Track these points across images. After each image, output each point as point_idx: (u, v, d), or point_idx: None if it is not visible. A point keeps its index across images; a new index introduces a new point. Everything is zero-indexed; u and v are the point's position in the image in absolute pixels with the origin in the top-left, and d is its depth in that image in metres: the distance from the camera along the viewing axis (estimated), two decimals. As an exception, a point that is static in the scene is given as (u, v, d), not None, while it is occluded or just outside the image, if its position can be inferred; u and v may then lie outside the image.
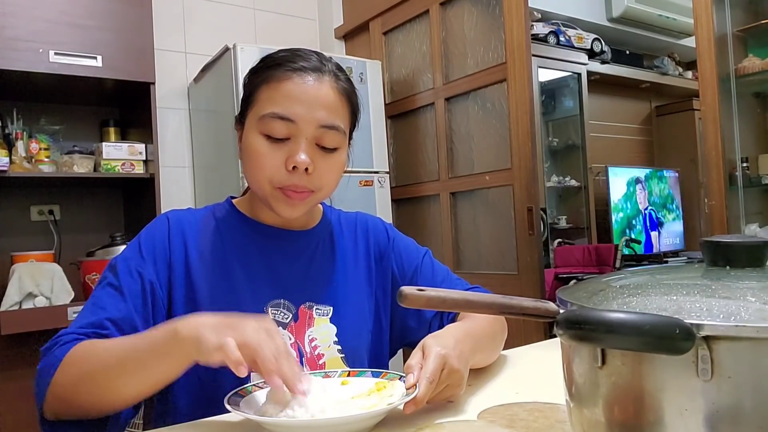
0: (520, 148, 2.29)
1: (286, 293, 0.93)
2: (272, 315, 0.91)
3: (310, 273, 0.97)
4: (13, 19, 2.06)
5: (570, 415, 0.52)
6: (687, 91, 4.13)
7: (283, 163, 0.87)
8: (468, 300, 0.53)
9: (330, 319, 0.95)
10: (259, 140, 0.88)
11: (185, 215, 0.96)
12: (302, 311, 0.94)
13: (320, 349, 0.93)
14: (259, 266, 0.94)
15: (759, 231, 2.05)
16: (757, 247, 0.51)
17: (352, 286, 1.00)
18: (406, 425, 0.70)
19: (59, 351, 0.77)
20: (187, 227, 0.94)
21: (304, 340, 0.92)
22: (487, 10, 2.44)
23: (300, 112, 0.86)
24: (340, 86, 0.91)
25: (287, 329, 0.92)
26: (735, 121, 2.03)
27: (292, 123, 0.86)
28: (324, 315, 0.95)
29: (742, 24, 2.10)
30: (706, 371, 0.40)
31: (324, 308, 0.96)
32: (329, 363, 0.92)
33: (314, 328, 0.94)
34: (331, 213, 1.06)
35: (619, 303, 0.49)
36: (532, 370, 0.95)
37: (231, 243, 0.94)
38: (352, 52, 3.12)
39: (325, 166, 0.90)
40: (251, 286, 0.92)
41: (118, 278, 0.86)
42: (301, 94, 0.87)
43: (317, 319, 0.94)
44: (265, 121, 0.87)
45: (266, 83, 0.89)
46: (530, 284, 2.26)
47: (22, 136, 2.23)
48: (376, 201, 2.64)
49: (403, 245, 1.07)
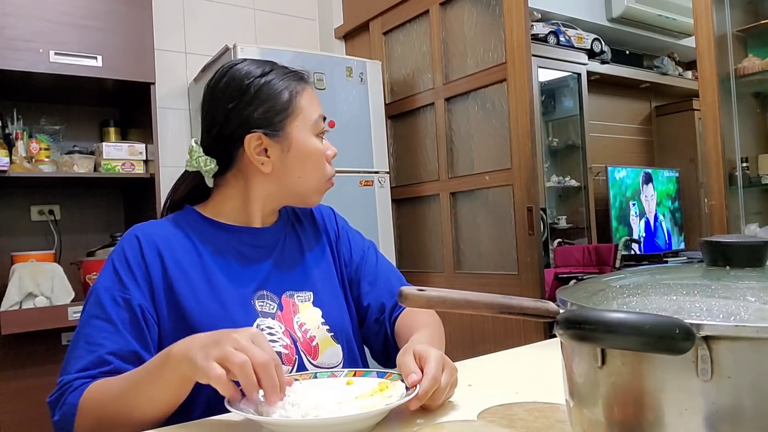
0: (520, 148, 2.29)
1: (266, 286, 0.97)
2: (259, 307, 0.95)
3: (284, 264, 1.02)
4: (13, 19, 2.06)
5: (570, 415, 0.52)
6: (687, 91, 4.13)
7: (327, 156, 1.02)
8: (468, 300, 0.53)
9: (313, 303, 1.01)
10: (316, 141, 1.00)
11: (153, 229, 0.97)
12: (285, 300, 0.98)
13: (311, 332, 0.97)
14: (236, 264, 0.97)
15: (759, 231, 2.05)
16: (757, 247, 0.51)
17: (322, 270, 1.06)
18: (406, 425, 0.70)
19: (71, 398, 0.80)
20: (158, 240, 0.94)
21: (294, 327, 0.96)
22: (487, 10, 2.44)
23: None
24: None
25: (276, 319, 0.95)
26: (735, 121, 2.03)
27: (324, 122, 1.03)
28: (306, 301, 1.01)
29: (742, 24, 2.10)
30: (706, 371, 0.40)
31: (304, 294, 1.01)
32: (322, 343, 0.97)
33: (301, 314, 0.98)
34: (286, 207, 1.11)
35: (619, 303, 0.49)
36: (532, 370, 0.95)
37: (204, 247, 0.97)
38: (352, 52, 3.12)
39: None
40: (233, 283, 0.95)
41: (105, 310, 0.86)
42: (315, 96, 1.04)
43: (301, 305, 0.99)
44: (317, 124, 1.00)
45: (301, 92, 1.00)
46: (530, 284, 2.26)
47: (22, 136, 2.23)
48: (376, 201, 2.64)
49: (352, 233, 1.17)
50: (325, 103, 2.48)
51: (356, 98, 2.63)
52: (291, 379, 0.78)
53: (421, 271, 2.81)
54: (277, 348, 0.92)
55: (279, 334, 0.94)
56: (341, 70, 2.60)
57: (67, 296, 2.11)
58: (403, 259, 2.86)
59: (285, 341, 0.94)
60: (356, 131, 2.61)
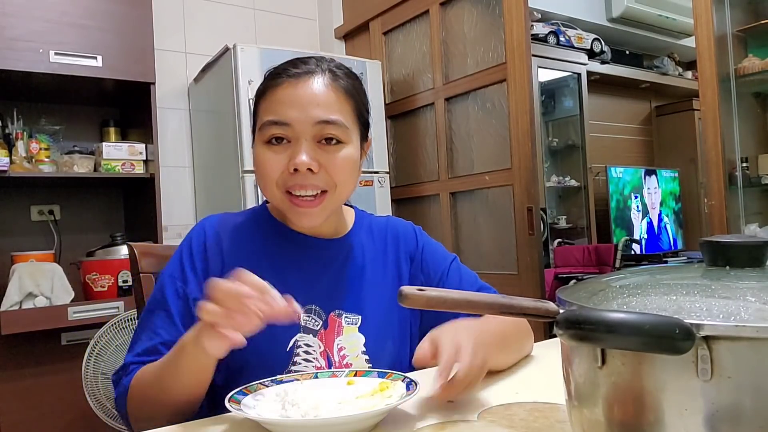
0: (520, 148, 2.29)
1: (316, 300, 0.94)
2: (303, 321, 0.92)
3: (341, 281, 0.97)
4: (13, 19, 2.06)
5: (570, 415, 0.52)
6: (687, 91, 4.13)
7: (286, 167, 0.88)
8: (468, 300, 0.53)
9: (359, 328, 0.95)
10: (263, 149, 0.90)
11: (222, 222, 0.97)
12: (331, 319, 0.94)
13: (348, 359, 0.93)
14: (291, 273, 0.95)
15: (759, 231, 2.05)
16: (757, 247, 0.51)
17: (381, 294, 0.99)
18: (406, 425, 0.70)
19: (126, 380, 0.86)
20: (223, 234, 0.95)
21: (333, 349, 0.93)
22: (487, 10, 2.44)
23: (293, 114, 0.88)
24: (339, 84, 0.91)
25: (317, 336, 0.92)
26: (735, 121, 2.03)
27: (288, 126, 0.88)
28: (353, 324, 0.95)
29: (742, 24, 2.10)
30: (706, 371, 0.40)
31: (353, 317, 0.96)
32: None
33: (343, 337, 0.94)
34: (363, 219, 1.06)
35: (619, 303, 0.49)
36: (532, 370, 0.95)
37: (264, 250, 0.96)
38: (352, 52, 3.12)
39: (332, 162, 0.90)
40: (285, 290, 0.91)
41: (166, 300, 0.90)
42: (294, 96, 0.89)
43: (346, 327, 0.94)
44: (264, 131, 0.90)
45: (263, 97, 0.92)
46: (530, 284, 2.26)
47: (23, 136, 2.23)
48: (376, 201, 2.64)
49: (431, 250, 1.07)
50: (325, 103, 2.51)
51: (356, 98, 2.63)
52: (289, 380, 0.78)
53: (421, 271, 2.80)
54: (309, 369, 0.90)
55: (316, 354, 0.92)
56: (341, 70, 2.60)
57: (67, 296, 2.11)
58: (403, 259, 2.86)
59: (320, 362, 0.91)
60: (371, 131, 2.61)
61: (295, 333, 0.91)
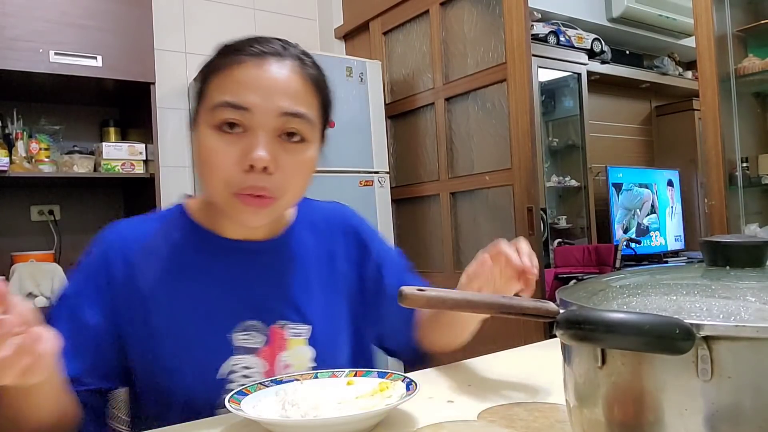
0: (520, 148, 2.29)
1: (256, 313, 0.82)
2: (240, 340, 0.81)
3: (283, 288, 0.85)
4: (13, 19, 2.05)
5: (570, 415, 0.52)
6: (687, 91, 4.13)
7: (238, 161, 0.75)
8: (468, 300, 0.53)
9: (308, 340, 0.85)
10: (210, 136, 0.76)
11: (128, 232, 0.84)
12: (274, 332, 0.83)
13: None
14: (219, 286, 0.83)
15: (759, 231, 2.05)
16: (757, 247, 0.51)
17: (330, 297, 0.89)
18: (406, 425, 0.70)
19: None
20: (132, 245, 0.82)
21: (276, 367, 0.82)
22: (487, 10, 2.44)
23: (256, 99, 0.74)
24: (307, 72, 0.80)
25: (258, 355, 0.81)
26: (735, 121, 2.03)
27: (246, 112, 0.74)
28: (299, 336, 0.84)
29: (742, 24, 2.10)
30: (706, 371, 0.40)
31: (299, 328, 0.84)
32: None
33: (288, 352, 0.83)
34: (303, 210, 0.92)
35: (619, 303, 0.49)
36: (532, 370, 0.95)
37: (184, 261, 0.83)
38: (352, 52, 3.12)
39: (291, 163, 0.77)
40: (215, 309, 0.81)
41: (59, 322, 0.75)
42: (257, 79, 0.75)
43: (291, 340, 0.84)
44: (216, 113, 0.75)
45: (217, 72, 0.77)
46: (530, 284, 2.25)
47: (22, 136, 2.23)
48: (376, 201, 2.64)
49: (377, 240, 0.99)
50: (325, 103, 2.52)
51: (356, 98, 2.63)
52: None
53: (421, 271, 2.78)
54: None
55: (256, 377, 0.81)
56: (341, 70, 2.60)
57: (67, 296, 2.11)
58: (403, 259, 2.86)
59: None
60: (356, 131, 2.61)
61: (227, 356, 0.80)
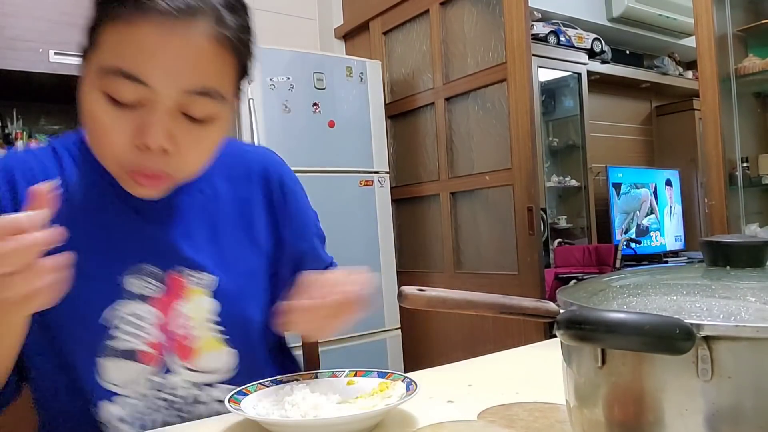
0: (520, 148, 2.29)
1: (152, 257, 0.75)
2: (131, 285, 0.75)
3: (187, 234, 0.78)
4: (13, 19, 2.05)
5: (570, 415, 0.52)
6: (687, 91, 4.13)
7: (132, 139, 0.65)
8: (468, 300, 0.53)
9: (208, 290, 0.78)
10: (100, 103, 0.65)
11: (19, 159, 0.75)
12: (172, 279, 0.76)
13: (191, 330, 0.77)
14: (120, 227, 0.75)
15: (759, 231, 2.05)
16: (757, 247, 0.51)
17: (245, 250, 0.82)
18: (406, 425, 0.70)
19: None
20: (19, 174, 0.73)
21: (173, 317, 0.76)
22: (487, 9, 2.44)
23: (157, 73, 0.63)
24: (224, 33, 0.66)
25: (152, 304, 0.75)
26: (735, 121, 2.03)
27: (143, 86, 0.63)
28: (201, 285, 0.77)
29: (742, 24, 2.10)
30: (706, 371, 0.40)
31: (201, 276, 0.77)
32: (204, 345, 0.78)
33: (186, 302, 0.76)
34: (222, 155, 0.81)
35: (619, 303, 0.49)
36: (532, 370, 0.95)
37: (81, 197, 0.74)
38: (352, 52, 3.12)
39: (192, 144, 0.68)
40: (108, 249, 0.74)
41: None
42: (162, 47, 0.63)
43: (191, 290, 0.77)
44: (108, 79, 0.64)
45: (113, 22, 0.64)
46: (530, 284, 2.26)
47: (22, 136, 2.23)
48: (376, 201, 2.64)
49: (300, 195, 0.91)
50: (324, 103, 2.52)
51: (356, 98, 2.63)
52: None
53: (421, 271, 2.81)
54: (138, 345, 0.74)
55: (147, 327, 0.74)
56: (341, 69, 2.60)
57: (67, 296, 2.10)
58: (403, 259, 2.86)
59: (151, 337, 0.75)
60: (356, 131, 2.61)
61: (113, 299, 0.74)
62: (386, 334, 2.64)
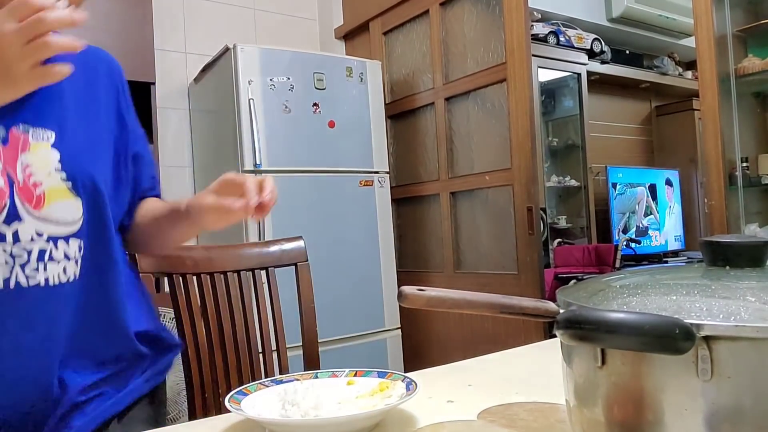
0: (520, 148, 2.29)
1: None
2: None
3: (30, 94, 0.79)
4: (13, 19, 2.06)
5: (570, 415, 0.52)
6: (687, 91, 4.13)
7: None
8: (468, 300, 0.53)
9: (52, 144, 0.82)
10: None
11: None
12: (14, 135, 0.79)
13: (36, 177, 0.80)
14: None
15: (759, 231, 2.05)
16: (757, 247, 0.51)
17: (89, 121, 0.89)
18: (406, 425, 0.70)
19: None
20: None
21: (16, 167, 0.79)
22: (487, 10, 2.44)
23: None
24: None
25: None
26: (735, 121, 2.03)
27: None
28: (44, 140, 0.81)
29: (742, 24, 2.10)
30: (706, 371, 0.40)
31: (44, 132, 0.82)
32: (51, 192, 0.80)
33: (29, 153, 0.80)
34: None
35: (619, 303, 0.49)
36: (532, 370, 0.95)
37: None
38: (352, 52, 3.12)
39: None
40: None
41: None
42: None
43: (34, 144, 0.80)
44: None
45: None
46: (530, 284, 2.26)
47: (22, 136, 2.23)
48: (376, 201, 2.64)
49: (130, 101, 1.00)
50: (325, 103, 2.52)
51: (356, 98, 2.63)
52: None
53: (421, 271, 2.81)
54: None
55: None
56: (341, 70, 2.60)
57: (67, 296, 2.10)
58: (403, 259, 2.86)
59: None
60: (356, 131, 2.61)
61: None
62: (386, 334, 2.64)
